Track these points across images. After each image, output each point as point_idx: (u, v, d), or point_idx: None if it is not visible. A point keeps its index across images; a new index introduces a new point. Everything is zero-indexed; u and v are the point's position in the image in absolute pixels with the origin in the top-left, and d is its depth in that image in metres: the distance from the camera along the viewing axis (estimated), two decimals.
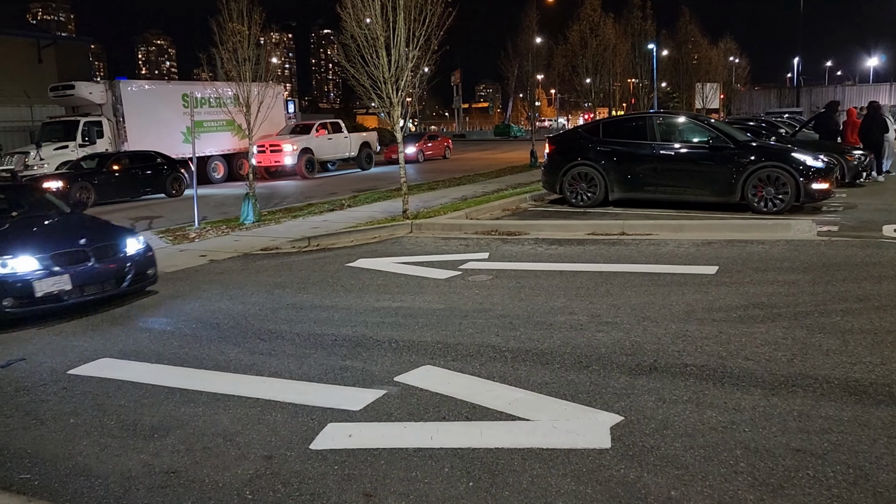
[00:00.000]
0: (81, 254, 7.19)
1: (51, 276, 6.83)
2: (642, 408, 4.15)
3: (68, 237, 7.54)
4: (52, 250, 7.04)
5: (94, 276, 7.15)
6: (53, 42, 34.98)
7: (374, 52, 12.12)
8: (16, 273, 6.70)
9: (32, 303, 6.72)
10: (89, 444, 4.09)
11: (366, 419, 4.24)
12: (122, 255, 7.51)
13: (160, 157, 21.47)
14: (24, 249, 6.91)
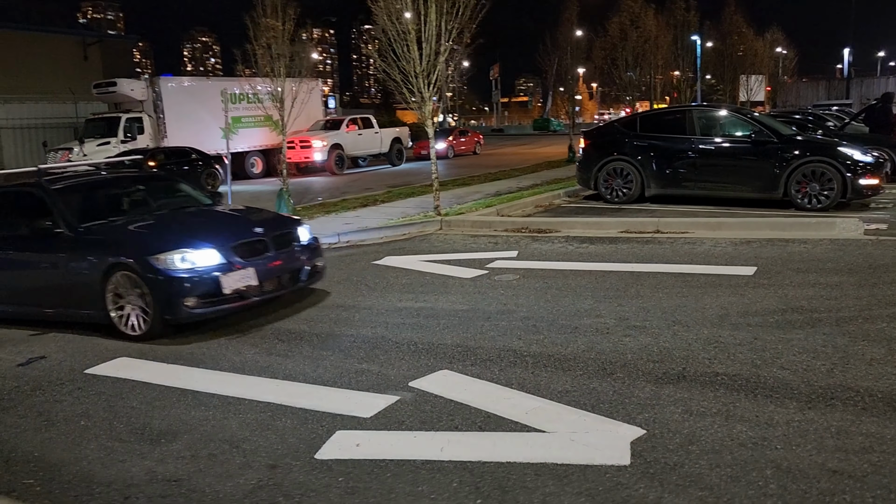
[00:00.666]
0: (261, 244, 6.46)
1: (236, 269, 6.09)
2: (667, 420, 3.91)
3: (240, 226, 6.87)
4: (233, 241, 6.30)
5: (275, 269, 6.43)
6: (99, 40, 35.59)
7: (406, 45, 11.96)
8: (198, 268, 5.95)
9: (218, 301, 6.00)
10: (96, 449, 4.02)
11: (376, 427, 4.09)
12: (299, 246, 6.85)
13: (195, 152, 21.65)
14: (203, 241, 6.18)
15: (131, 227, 6.64)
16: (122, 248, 6.18)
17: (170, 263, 5.89)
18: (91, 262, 6.20)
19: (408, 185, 18.65)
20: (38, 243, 6.56)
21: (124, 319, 6.10)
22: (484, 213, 11.64)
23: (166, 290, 5.86)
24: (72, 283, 6.30)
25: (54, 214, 6.54)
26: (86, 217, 6.69)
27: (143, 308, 5.98)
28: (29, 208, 6.80)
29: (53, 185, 6.99)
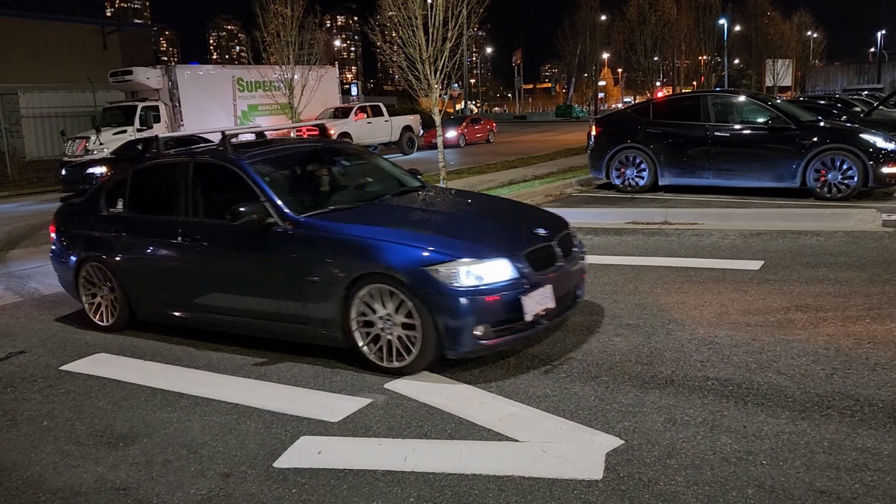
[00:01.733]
0: (548, 251, 4.82)
1: (534, 287, 4.56)
2: (647, 430, 3.66)
3: (514, 225, 5.25)
4: (522, 246, 4.70)
5: (564, 285, 4.88)
6: (118, 28, 35.83)
7: (412, 31, 11.69)
8: (489, 284, 4.41)
9: (513, 329, 4.50)
10: (52, 452, 3.88)
11: (342, 433, 3.89)
12: (579, 251, 5.28)
13: (202, 140, 21.53)
14: (488, 246, 4.62)
15: (374, 221, 4.99)
16: (378, 253, 4.56)
17: (453, 278, 4.34)
18: (327, 269, 4.69)
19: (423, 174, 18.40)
20: (236, 234, 5.14)
21: (377, 348, 4.63)
22: None
23: (450, 315, 4.33)
24: (297, 292, 4.83)
25: (260, 198, 5.05)
26: (302, 203, 5.19)
27: (405, 336, 4.51)
28: (219, 187, 5.50)
29: (250, 158, 5.40)
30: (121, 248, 5.89)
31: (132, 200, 5.98)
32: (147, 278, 5.79)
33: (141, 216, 5.91)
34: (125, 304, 5.93)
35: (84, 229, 6.23)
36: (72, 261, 6.19)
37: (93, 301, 6.14)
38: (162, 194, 5.82)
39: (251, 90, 25.61)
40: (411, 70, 11.91)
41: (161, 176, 6.00)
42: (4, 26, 30.78)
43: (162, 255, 5.67)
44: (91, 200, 6.38)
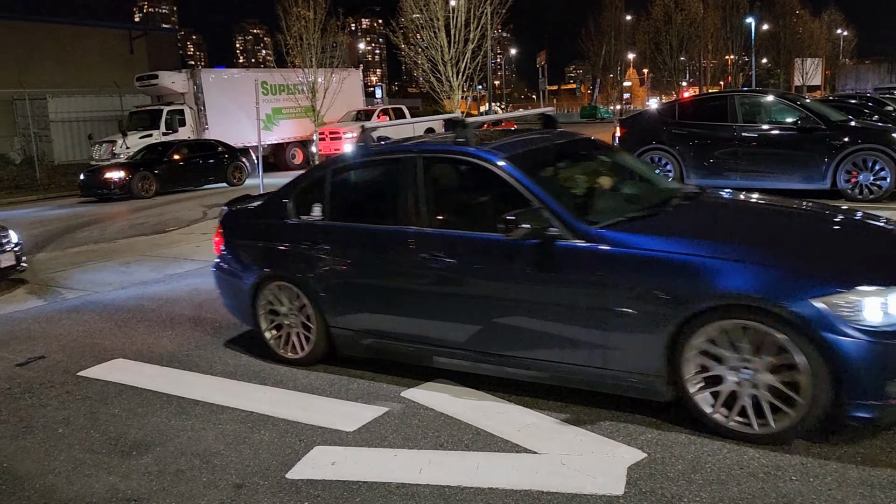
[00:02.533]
0: None
1: None
2: (672, 443, 3.54)
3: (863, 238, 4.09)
4: None
5: None
6: (144, 33, 36.27)
7: (433, 33, 11.66)
8: None
9: None
10: (66, 461, 3.85)
11: (356, 443, 3.81)
12: None
13: (221, 145, 21.65)
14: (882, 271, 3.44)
15: (702, 235, 3.85)
16: (733, 278, 3.42)
17: (857, 312, 3.22)
18: (646, 299, 3.61)
19: None
20: (499, 250, 4.06)
21: (735, 412, 3.51)
22: None
23: (855, 364, 3.20)
24: (596, 328, 3.77)
25: (534, 204, 3.99)
26: (587, 211, 4.24)
27: (776, 389, 3.40)
28: (465, 189, 4.63)
29: (508, 152, 4.32)
30: (320, 264, 4.77)
31: (335, 206, 4.88)
32: (358, 303, 4.69)
33: (350, 225, 4.78)
34: (323, 333, 4.84)
35: (266, 241, 5.14)
36: (248, 279, 5.17)
37: (276, 329, 5.12)
38: (380, 199, 4.86)
39: (275, 93, 25.72)
40: (433, 72, 11.88)
41: (376, 176, 5.00)
42: (34, 32, 31.32)
43: (382, 273, 4.57)
44: (274, 206, 5.27)
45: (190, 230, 12.22)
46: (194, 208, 15.49)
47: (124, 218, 14.68)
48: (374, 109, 27.69)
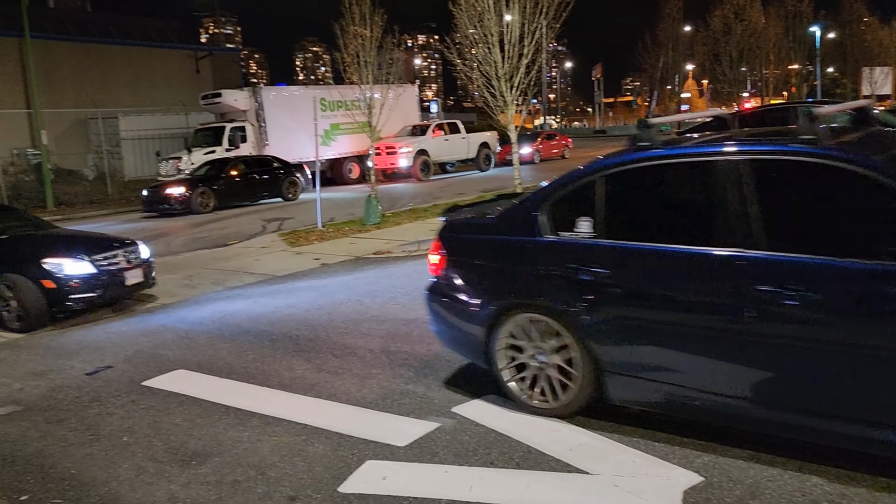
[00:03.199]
0: None
1: None
2: (730, 467, 3.44)
3: None
4: None
5: None
6: (209, 53, 37.47)
7: (487, 48, 11.71)
8: None
9: None
10: (129, 468, 3.99)
11: (407, 458, 3.84)
12: None
13: (276, 161, 22.09)
14: None
15: None
16: None
17: None
18: None
19: (502, 189, 18.38)
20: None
21: None
22: None
23: None
24: None
25: None
26: None
27: None
28: (820, 202, 3.47)
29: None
30: (594, 294, 3.88)
31: (612, 220, 3.97)
32: (654, 344, 3.74)
33: (639, 246, 3.83)
34: (590, 378, 3.95)
35: (509, 262, 4.29)
36: (482, 309, 4.33)
37: (517, 369, 4.27)
38: (687, 212, 3.91)
39: (333, 109, 26.22)
40: (487, 87, 11.91)
41: (674, 182, 4.01)
42: (108, 54, 32.72)
43: (694, 308, 3.61)
44: (518, 219, 4.38)
45: (249, 244, 12.54)
46: (254, 222, 15.90)
47: (186, 232, 15.15)
48: (428, 124, 27.88)
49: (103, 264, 7.79)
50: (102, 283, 7.71)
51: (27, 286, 7.30)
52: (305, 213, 16.59)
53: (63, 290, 7.45)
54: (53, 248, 7.83)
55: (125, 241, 8.45)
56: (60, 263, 7.51)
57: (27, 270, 7.40)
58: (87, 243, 8.21)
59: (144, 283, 8.30)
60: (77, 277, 7.52)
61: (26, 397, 5.31)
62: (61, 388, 5.45)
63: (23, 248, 7.92)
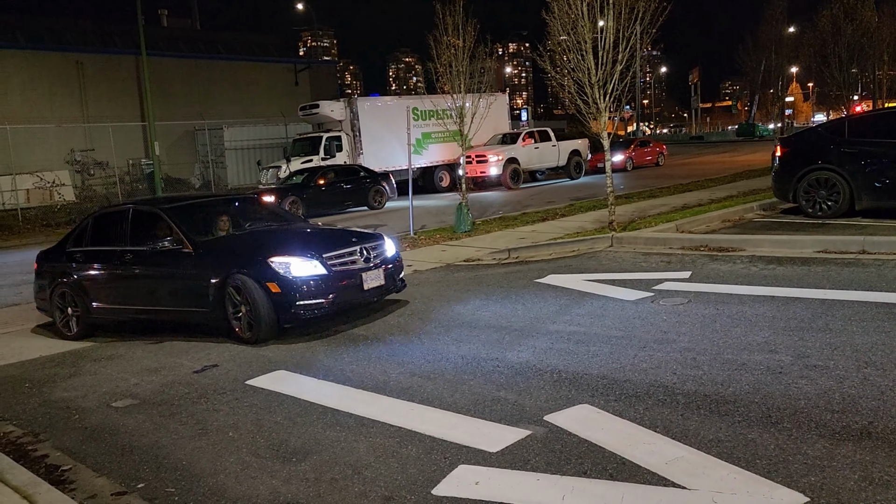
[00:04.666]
0: None
1: None
2: (838, 488, 3.28)
3: None
4: None
5: None
6: (307, 66, 38.98)
7: (580, 55, 11.60)
8: None
9: None
10: (235, 462, 4.20)
11: (500, 464, 3.86)
12: None
13: (363, 170, 22.52)
14: None
15: None
16: None
17: None
18: None
19: (593, 198, 18.15)
20: None
21: None
22: (661, 228, 10.91)
23: None
24: None
25: None
26: None
27: None
28: None
29: None
30: None
31: None
32: None
33: None
34: None
35: None
36: None
37: None
38: None
39: (425, 119, 26.64)
40: (580, 94, 11.79)
41: None
42: (214, 68, 34.55)
43: None
44: None
45: None
46: None
47: None
48: (519, 132, 27.82)
49: (335, 263, 6.91)
50: (334, 287, 6.78)
51: (254, 289, 6.58)
52: (397, 220, 16.91)
53: (289, 295, 6.59)
54: (284, 245, 7.08)
55: (366, 236, 7.66)
56: (287, 263, 6.68)
57: (254, 270, 6.70)
58: (322, 239, 7.53)
59: (387, 287, 7.33)
60: (305, 279, 6.65)
61: (142, 392, 5.68)
62: (172, 385, 5.79)
63: (254, 244, 7.30)
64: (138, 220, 7.75)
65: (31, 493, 3.71)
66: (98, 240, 8.04)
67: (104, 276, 7.80)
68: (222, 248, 7.38)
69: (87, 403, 5.50)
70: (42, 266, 8.48)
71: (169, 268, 7.23)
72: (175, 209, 7.77)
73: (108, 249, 7.81)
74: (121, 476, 4.13)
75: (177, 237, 7.21)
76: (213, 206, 8.45)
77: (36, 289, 8.52)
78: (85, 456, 4.47)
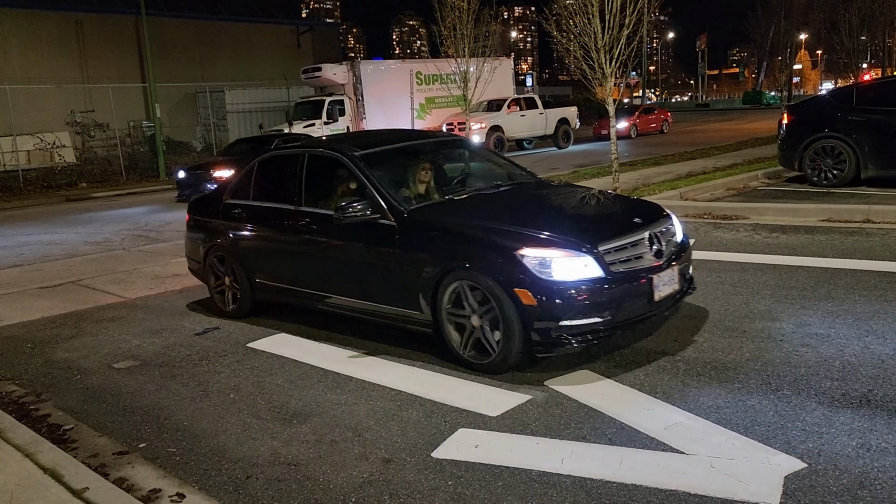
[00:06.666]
0: None
1: None
2: (836, 454, 3.30)
3: None
4: None
5: None
6: (310, 28, 38.43)
7: (587, 18, 11.42)
8: None
9: None
10: (236, 423, 4.22)
11: (499, 428, 3.88)
12: None
13: None
14: None
15: None
16: None
17: None
18: None
19: (596, 164, 18.07)
20: None
21: None
22: (664, 195, 10.85)
23: None
24: None
25: None
26: None
27: None
28: None
29: None
30: None
31: None
32: None
33: None
34: None
35: None
36: None
37: None
38: None
39: (428, 83, 26.35)
40: (586, 59, 11.64)
41: None
42: (215, 30, 34.06)
43: None
44: None
45: None
46: None
47: None
48: (504, 99, 26.42)
49: (615, 260, 4.44)
50: (614, 297, 4.37)
51: (497, 298, 4.35)
52: None
53: (550, 311, 4.24)
54: (534, 225, 4.68)
55: (650, 211, 5.12)
56: (547, 258, 4.30)
57: (493, 267, 4.41)
58: (589, 216, 5.23)
59: (681, 293, 4.86)
60: (574, 286, 4.26)
61: (143, 353, 5.70)
62: (174, 346, 5.81)
63: (487, 220, 4.86)
64: (315, 170, 5.84)
65: (33, 452, 3.74)
66: (263, 192, 6.26)
67: (269, 244, 6.09)
68: (440, 225, 4.91)
69: (89, 364, 5.53)
70: (195, 219, 6.92)
71: (359, 244, 5.22)
72: (371, 157, 5.54)
73: (274, 208, 6.00)
74: (122, 436, 4.16)
75: (372, 201, 5.09)
76: (419, 152, 6.08)
77: (188, 246, 7.06)
78: (87, 416, 4.49)
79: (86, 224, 14.44)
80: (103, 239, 12.14)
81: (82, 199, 20.44)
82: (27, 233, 13.55)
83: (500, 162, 6.62)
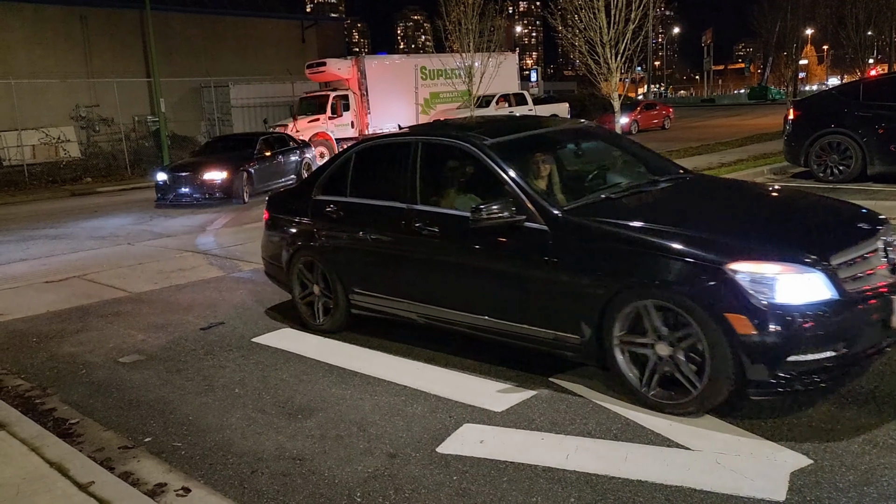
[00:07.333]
0: None
1: None
2: (842, 451, 3.29)
3: None
4: None
5: None
6: (315, 23, 38.35)
7: (592, 13, 11.39)
8: None
9: None
10: (241, 418, 4.23)
11: (504, 423, 3.88)
12: None
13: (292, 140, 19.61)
14: None
15: None
16: None
17: None
18: None
19: None
20: None
21: None
22: None
23: None
24: None
25: None
26: None
27: None
28: None
29: None
30: None
31: None
32: None
33: None
34: None
35: None
36: None
37: None
38: None
39: (433, 78, 26.30)
40: (591, 54, 11.61)
41: None
42: (219, 25, 34.01)
43: None
44: None
45: None
46: None
47: None
48: (493, 95, 25.31)
49: (847, 277, 3.59)
50: (848, 324, 3.52)
51: (708, 324, 3.50)
52: None
53: (773, 342, 3.40)
54: (739, 230, 3.94)
55: (871, 216, 4.17)
56: (768, 277, 3.45)
57: (693, 286, 3.56)
58: (804, 221, 4.16)
59: None
60: (802, 310, 3.42)
61: (148, 348, 5.71)
62: (179, 341, 5.82)
63: (669, 221, 3.98)
64: (432, 162, 5.00)
65: (39, 446, 3.75)
66: (364, 188, 5.44)
67: (374, 249, 5.18)
68: (609, 230, 4.00)
69: (95, 358, 5.54)
70: (277, 217, 6.06)
71: (496, 252, 4.37)
72: (506, 146, 4.69)
73: (380, 206, 5.14)
74: (128, 430, 4.16)
75: (516, 201, 4.25)
76: (556, 141, 5.37)
77: (266, 248, 6.24)
78: (92, 410, 4.51)
79: (91, 219, 14.46)
80: (108, 234, 12.16)
81: (87, 193, 20.47)
82: (32, 227, 13.58)
83: (641, 153, 5.49)
